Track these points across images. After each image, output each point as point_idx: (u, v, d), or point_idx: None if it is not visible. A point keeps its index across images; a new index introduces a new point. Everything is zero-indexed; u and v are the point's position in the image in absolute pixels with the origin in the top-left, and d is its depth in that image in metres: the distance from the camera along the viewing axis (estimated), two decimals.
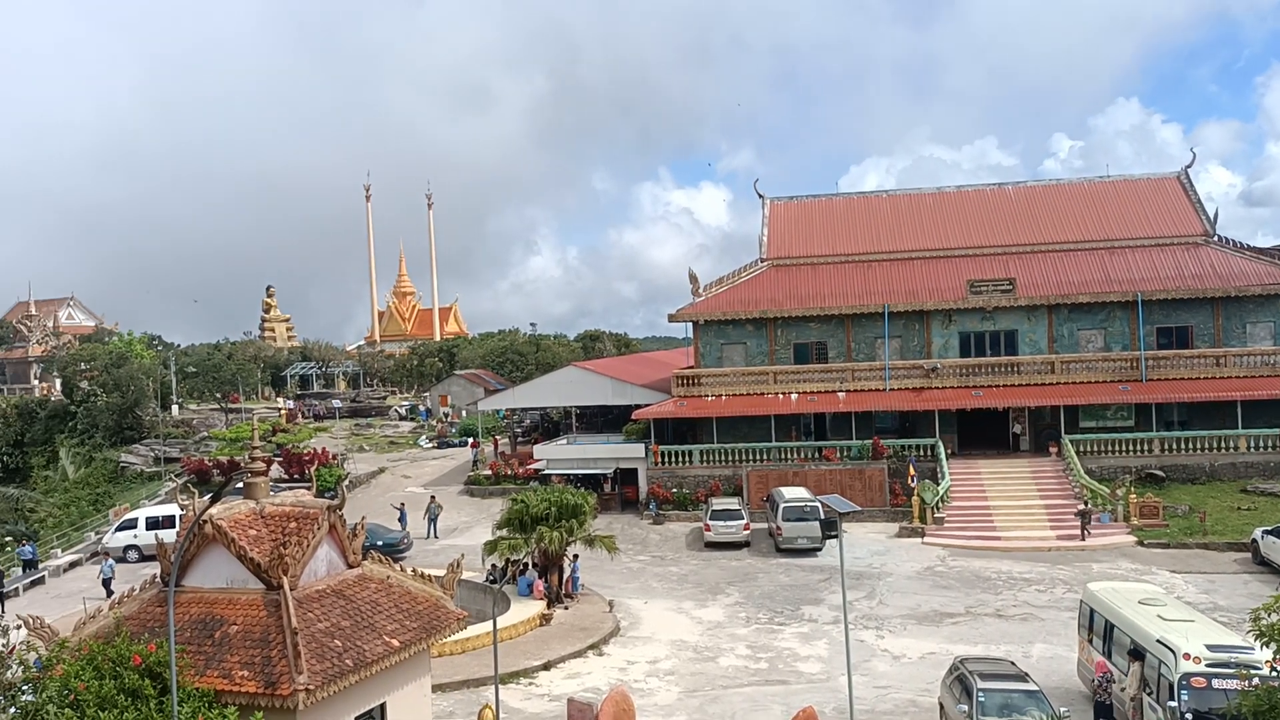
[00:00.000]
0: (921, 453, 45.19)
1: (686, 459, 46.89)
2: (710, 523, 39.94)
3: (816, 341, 50.06)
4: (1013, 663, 22.13)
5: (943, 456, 44.23)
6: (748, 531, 39.84)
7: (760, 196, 57.57)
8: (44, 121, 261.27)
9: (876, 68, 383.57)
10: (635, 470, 47.56)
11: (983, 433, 47.88)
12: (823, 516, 37.79)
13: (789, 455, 45.90)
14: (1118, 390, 45.71)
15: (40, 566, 42.66)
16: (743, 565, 37.34)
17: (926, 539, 39.70)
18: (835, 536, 37.30)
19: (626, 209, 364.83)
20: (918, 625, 29.60)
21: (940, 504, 41.25)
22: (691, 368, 51.10)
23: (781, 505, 38.78)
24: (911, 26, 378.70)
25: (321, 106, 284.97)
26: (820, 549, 38.08)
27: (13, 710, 13.13)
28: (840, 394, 47.63)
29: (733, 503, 41.66)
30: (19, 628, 15.36)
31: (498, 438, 59.77)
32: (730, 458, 46.32)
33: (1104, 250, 51.07)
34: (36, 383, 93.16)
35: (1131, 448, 44.31)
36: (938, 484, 42.31)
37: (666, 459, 46.83)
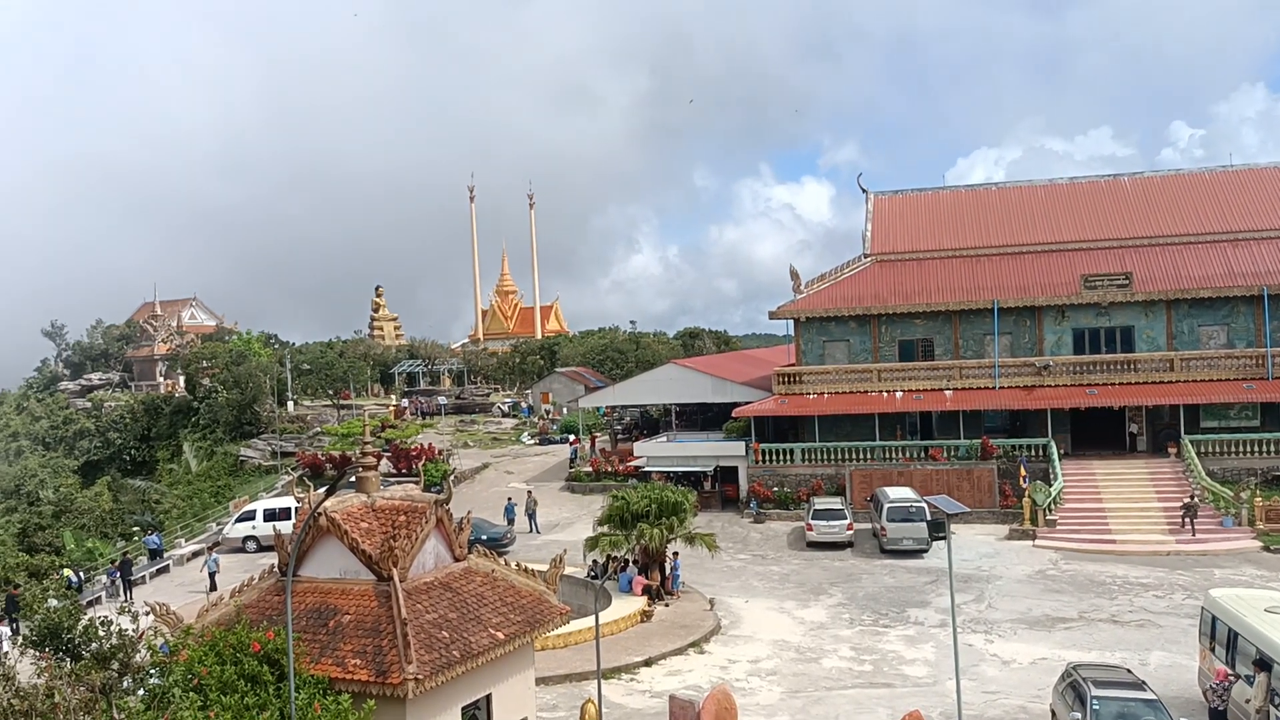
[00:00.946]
0: (1033, 453, 43.90)
1: (788, 457, 46.49)
2: (812, 522, 39.53)
3: (922, 338, 49.05)
4: (1129, 670, 21.33)
5: (1055, 457, 42.89)
6: (851, 532, 39.31)
7: (864, 191, 56.74)
8: (170, 128, 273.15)
9: (997, 56, 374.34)
10: (735, 468, 47.38)
11: (1097, 433, 46.24)
12: (929, 517, 37.06)
13: (894, 454, 45.10)
14: (1241, 389, 43.64)
15: (165, 556, 44.68)
16: (846, 566, 36.86)
17: (1038, 541, 38.57)
18: (943, 538, 36.53)
19: (727, 205, 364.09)
20: (1028, 630, 28.79)
21: (1052, 506, 40.02)
22: (793, 365, 50.62)
23: (886, 505, 38.15)
24: (1044, 13, 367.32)
25: (428, 108, 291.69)
26: (926, 550, 37.34)
27: (141, 692, 13.77)
28: (947, 392, 46.61)
29: (835, 502, 41.17)
30: (147, 614, 16.10)
31: (595, 435, 60.29)
32: (833, 456, 45.75)
33: (1227, 242, 48.79)
34: (162, 380, 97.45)
35: (1256, 449, 42.24)
36: (1050, 485, 41.04)
37: (767, 457, 46.52)
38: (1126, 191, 53.86)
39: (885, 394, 47.16)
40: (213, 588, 36.44)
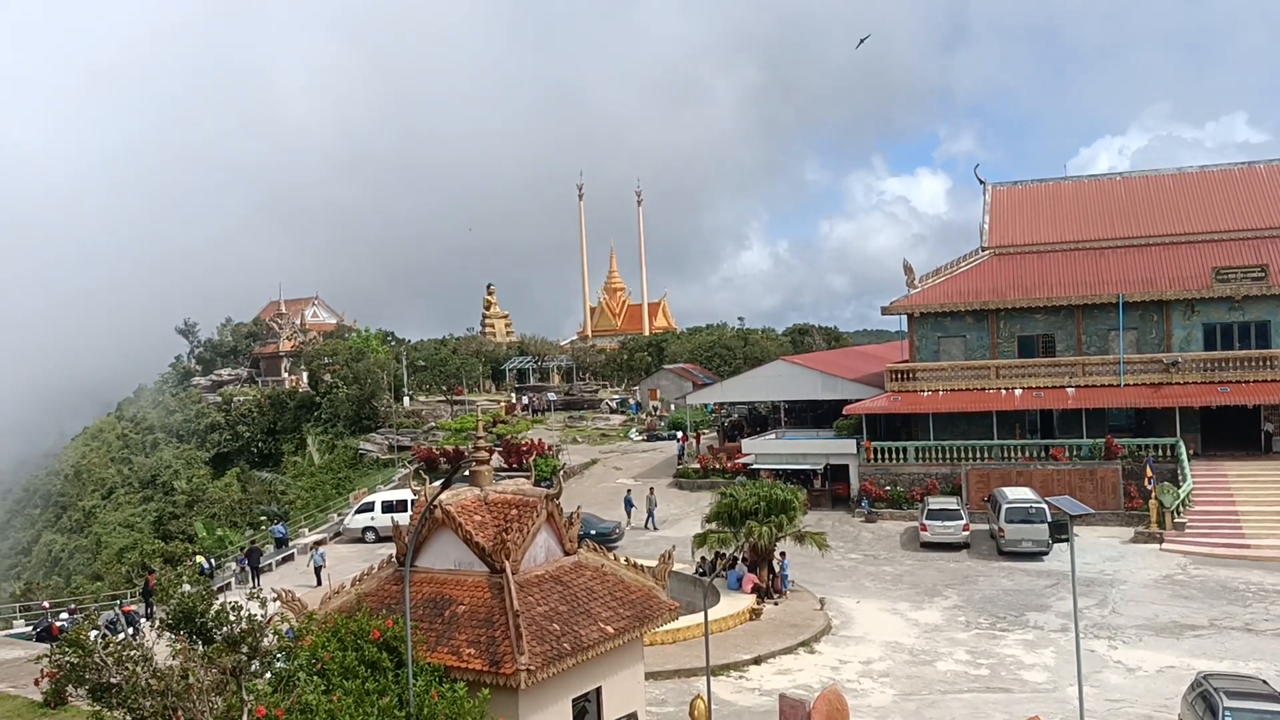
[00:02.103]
0: (1160, 453, 42.08)
1: (901, 456, 45.62)
2: (927, 522, 38.72)
3: (1043, 334, 47.49)
4: (1264, 681, 20.27)
5: (1184, 457, 41.04)
6: (967, 532, 38.36)
7: (981, 182, 55.22)
8: (292, 128, 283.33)
9: (1133, 40, 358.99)
10: (846, 466, 46.72)
11: (1229, 433, 44.04)
12: (1049, 519, 35.92)
13: (1012, 454, 43.78)
14: None
15: (290, 544, 46.45)
16: (961, 567, 35.99)
17: (1165, 545, 36.97)
18: (1064, 540, 35.39)
19: (839, 199, 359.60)
20: (1155, 637, 27.63)
21: (1181, 508, 38.30)
22: (906, 361, 49.63)
23: (1005, 506, 37.10)
24: None
25: (538, 107, 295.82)
26: (1046, 553, 36.18)
27: (268, 675, 14.34)
28: (1069, 389, 45.04)
29: (951, 502, 40.24)
30: (274, 600, 16.76)
31: (701, 432, 60.23)
32: (948, 455, 44.68)
33: None
34: (286, 376, 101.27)
35: None
36: (1178, 486, 39.29)
37: (879, 455, 45.73)
38: (1262, 179, 51.11)
39: (1004, 391, 45.83)
40: (318, 582, 37.18)
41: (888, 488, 44.54)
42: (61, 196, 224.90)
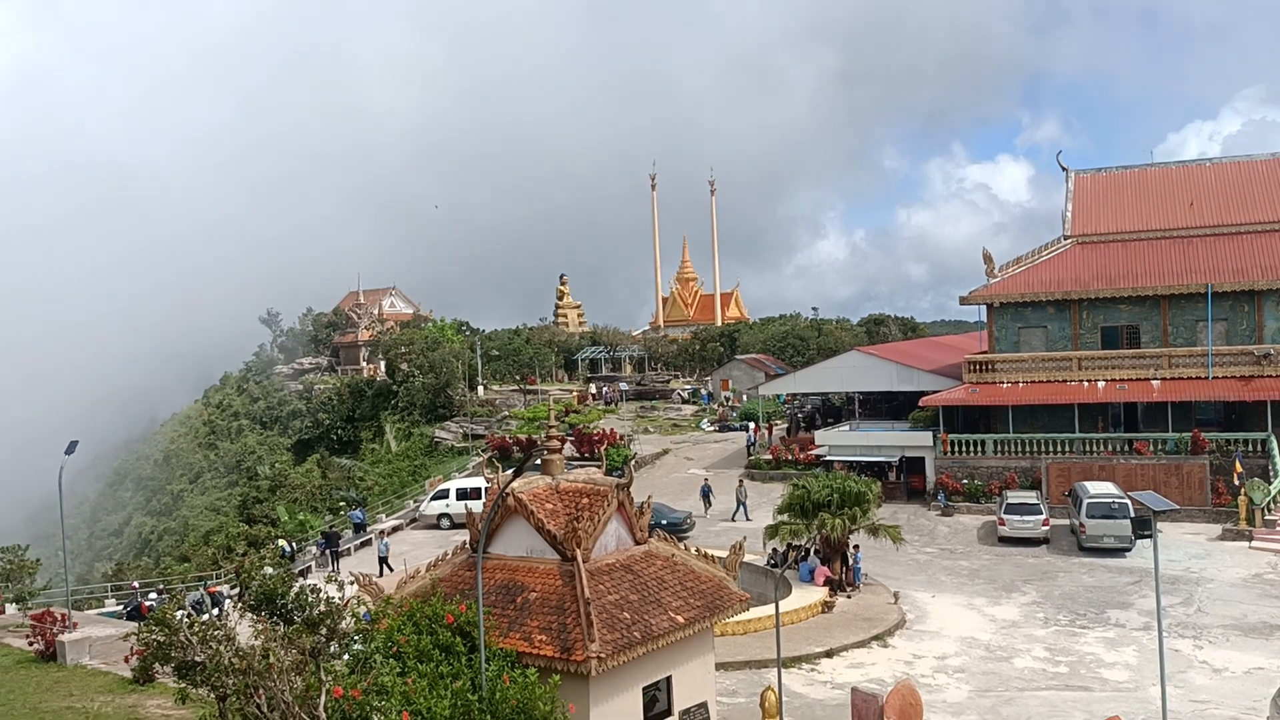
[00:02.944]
0: (1250, 448, 40.65)
1: (978, 449, 44.77)
2: (1005, 516, 37.97)
3: (1127, 325, 46.13)
4: None
5: (1275, 452, 39.56)
6: (1047, 527, 37.54)
7: (1064, 169, 53.80)
8: (372, 118, 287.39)
9: (1240, 20, 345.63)
10: (922, 459, 46.04)
11: None
12: (1133, 514, 34.97)
13: (1094, 447, 42.67)
14: None
15: (368, 530, 47.40)
16: (1040, 563, 35.24)
17: (1254, 543, 35.74)
18: (1148, 536, 34.40)
19: (917, 187, 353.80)
20: (1242, 637, 26.74)
21: (1271, 505, 36.98)
22: (984, 352, 48.66)
23: (1086, 501, 36.22)
24: None
25: (611, 96, 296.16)
26: (1129, 549, 35.25)
27: (346, 657, 14.65)
28: (1154, 382, 43.74)
29: (1030, 496, 39.41)
30: (351, 584, 17.12)
31: (773, 423, 59.83)
32: (1027, 449, 43.72)
33: None
34: (365, 364, 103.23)
35: None
36: (1269, 483, 37.92)
37: (956, 448, 44.96)
38: None
39: (1086, 384, 44.69)
40: (381, 573, 36.87)
41: (965, 481, 43.79)
42: (158, 181, 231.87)
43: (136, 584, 44.04)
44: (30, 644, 28.76)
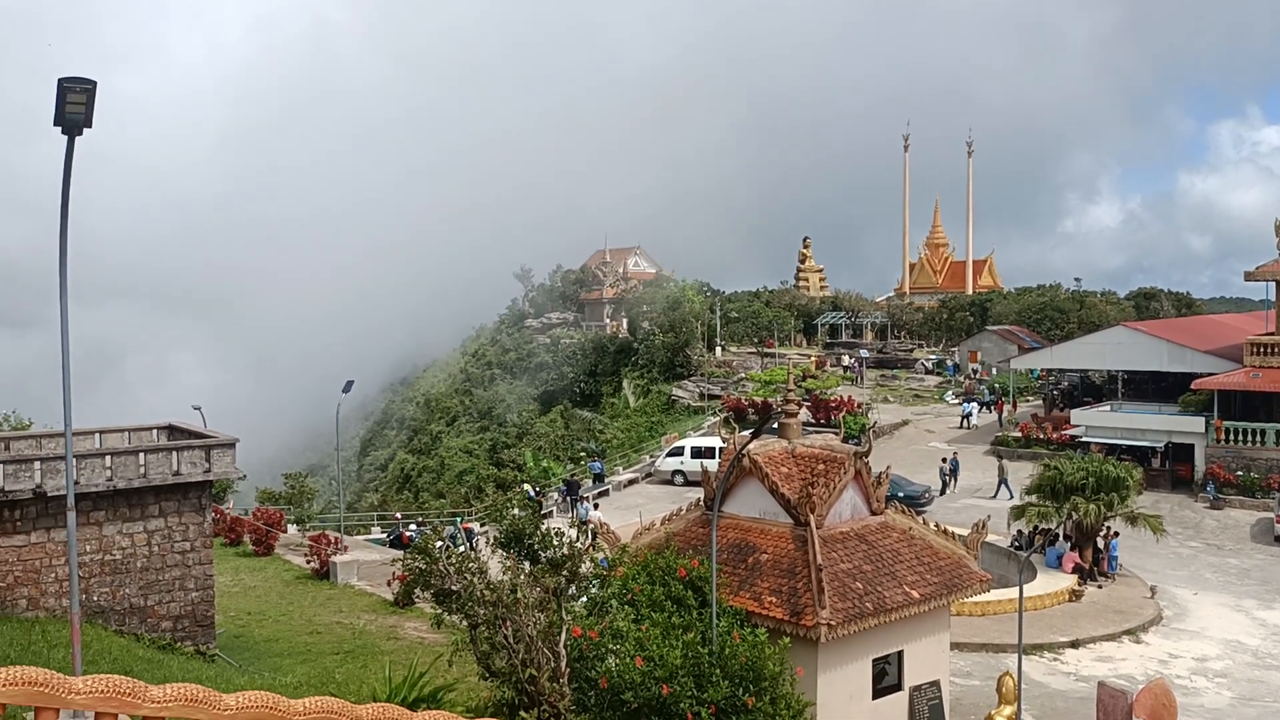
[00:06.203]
0: None
1: (1258, 438, 40.78)
2: None
3: None
4: None
5: None
6: None
7: None
8: (629, 69, 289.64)
9: None
10: (1191, 446, 42.44)
11: None
12: None
13: None
14: None
15: (606, 480, 49.13)
16: None
17: None
18: None
19: (1203, 151, 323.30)
20: None
21: None
22: (1271, 334, 44.07)
23: None
24: None
25: (867, 54, 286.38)
26: None
27: (583, 600, 15.34)
28: None
29: None
30: (591, 530, 17.87)
31: (1017, 401, 56.88)
32: None
33: None
34: (608, 321, 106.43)
35: None
36: None
37: (1232, 436, 41.14)
38: None
39: None
40: (578, 536, 36.68)
41: (1239, 473, 40.05)
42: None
43: (399, 515, 47.72)
44: (308, 561, 31.97)
